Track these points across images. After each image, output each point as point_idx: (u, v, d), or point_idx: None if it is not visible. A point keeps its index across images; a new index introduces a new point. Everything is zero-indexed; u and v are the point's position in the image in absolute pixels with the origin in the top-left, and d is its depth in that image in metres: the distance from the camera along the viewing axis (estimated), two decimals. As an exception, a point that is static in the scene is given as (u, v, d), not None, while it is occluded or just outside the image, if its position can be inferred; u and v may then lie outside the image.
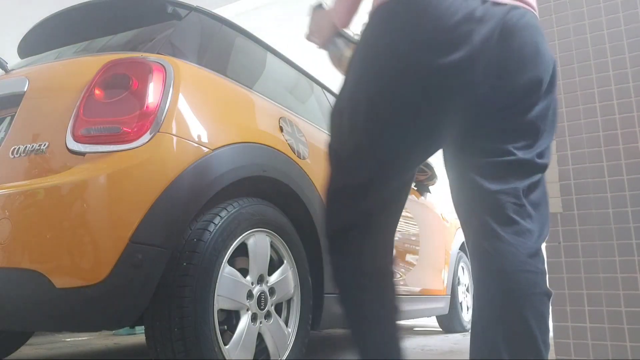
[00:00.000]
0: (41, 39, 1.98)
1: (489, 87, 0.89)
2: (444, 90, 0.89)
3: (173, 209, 1.31)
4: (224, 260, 1.42)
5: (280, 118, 1.86)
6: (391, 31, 0.92)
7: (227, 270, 1.43)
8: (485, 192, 0.93)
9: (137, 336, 3.41)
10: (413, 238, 2.93)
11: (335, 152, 1.02)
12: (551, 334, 1.91)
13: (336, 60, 1.32)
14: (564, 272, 1.80)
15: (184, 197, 1.34)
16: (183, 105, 1.43)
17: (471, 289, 3.99)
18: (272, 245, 1.65)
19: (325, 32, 1.24)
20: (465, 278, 3.88)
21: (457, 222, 3.87)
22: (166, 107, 1.38)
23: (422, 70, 0.88)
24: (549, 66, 0.94)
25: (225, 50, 1.89)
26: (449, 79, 0.88)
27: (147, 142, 1.32)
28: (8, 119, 1.48)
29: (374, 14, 0.97)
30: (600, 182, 1.78)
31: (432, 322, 4.25)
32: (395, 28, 0.91)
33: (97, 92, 1.37)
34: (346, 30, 1.26)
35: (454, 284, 3.56)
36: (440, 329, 3.79)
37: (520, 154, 0.93)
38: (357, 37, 1.15)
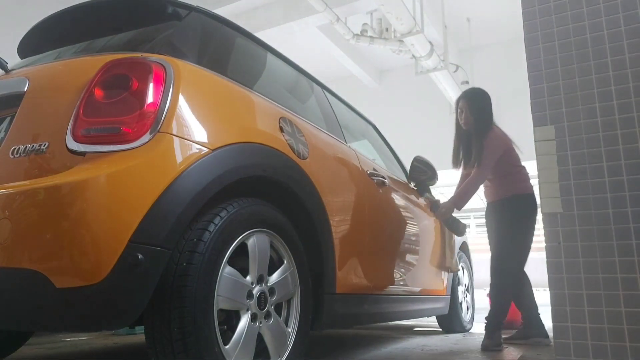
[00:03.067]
0: (41, 39, 1.98)
1: None
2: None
3: (173, 209, 1.31)
4: (223, 261, 1.42)
5: (280, 118, 1.86)
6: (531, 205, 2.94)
7: (227, 270, 1.43)
8: None
9: (137, 336, 3.41)
10: (413, 238, 2.93)
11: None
12: (551, 334, 1.91)
13: (449, 225, 3.25)
14: (564, 273, 1.80)
15: (184, 197, 1.34)
16: (183, 105, 1.43)
17: (471, 289, 4.00)
18: (272, 245, 1.65)
19: (449, 209, 3.16)
20: (465, 278, 3.88)
21: (457, 222, 3.86)
22: (166, 107, 1.38)
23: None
24: None
25: (225, 50, 1.90)
26: None
27: (147, 142, 1.32)
28: (8, 119, 1.48)
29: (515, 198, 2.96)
30: (600, 182, 1.78)
31: (432, 322, 4.26)
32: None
33: (97, 92, 1.37)
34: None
35: (454, 284, 3.56)
36: (440, 329, 3.79)
37: None
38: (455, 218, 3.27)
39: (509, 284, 2.87)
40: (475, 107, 3.01)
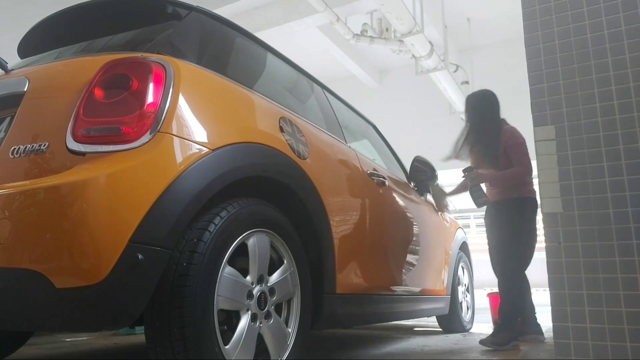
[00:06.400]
0: (41, 39, 1.98)
1: None
2: None
3: (173, 209, 1.31)
4: (224, 261, 1.42)
5: (280, 118, 1.86)
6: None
7: (227, 271, 1.43)
8: None
9: (137, 336, 3.41)
10: (413, 238, 2.93)
11: None
12: (551, 334, 1.91)
13: (472, 192, 3.10)
14: (564, 273, 1.80)
15: (184, 197, 1.34)
16: (183, 105, 1.43)
17: (471, 289, 4.00)
18: (272, 245, 1.65)
19: (484, 177, 3.07)
20: (465, 278, 3.88)
21: (457, 222, 3.89)
22: (166, 107, 1.38)
23: None
24: None
25: (225, 50, 1.89)
26: None
27: (147, 142, 1.31)
28: (8, 119, 1.48)
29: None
30: (601, 182, 1.78)
31: (432, 322, 4.25)
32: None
33: (97, 92, 1.37)
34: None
35: (454, 284, 3.56)
36: (440, 329, 3.79)
37: None
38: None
39: (518, 284, 2.89)
40: (477, 107, 3.09)
